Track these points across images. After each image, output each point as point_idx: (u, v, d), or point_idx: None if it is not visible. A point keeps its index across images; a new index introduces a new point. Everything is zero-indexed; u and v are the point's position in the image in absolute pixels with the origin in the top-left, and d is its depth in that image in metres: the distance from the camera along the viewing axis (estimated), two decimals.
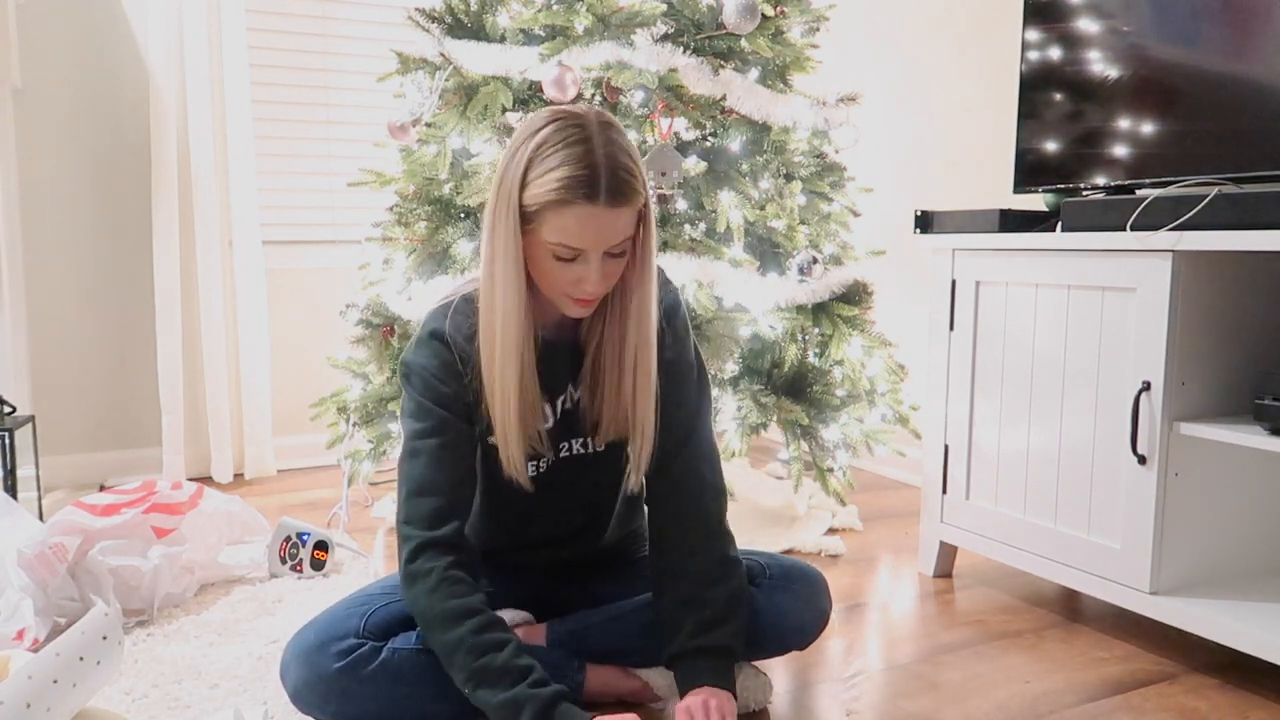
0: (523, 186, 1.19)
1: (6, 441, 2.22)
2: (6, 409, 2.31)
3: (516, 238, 1.21)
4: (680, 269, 2.06)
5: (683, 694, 1.29)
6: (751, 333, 2.20)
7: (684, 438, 1.38)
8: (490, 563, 1.41)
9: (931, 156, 2.80)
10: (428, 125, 2.22)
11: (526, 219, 1.21)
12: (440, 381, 1.29)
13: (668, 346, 1.38)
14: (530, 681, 1.18)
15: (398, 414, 2.29)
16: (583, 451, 1.41)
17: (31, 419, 2.38)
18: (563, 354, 1.37)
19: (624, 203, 1.19)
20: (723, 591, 1.34)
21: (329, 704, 1.28)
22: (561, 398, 1.38)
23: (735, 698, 1.30)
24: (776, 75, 2.32)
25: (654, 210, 1.28)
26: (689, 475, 1.38)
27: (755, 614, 1.41)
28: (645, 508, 1.42)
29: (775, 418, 2.19)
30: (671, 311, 1.40)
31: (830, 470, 2.28)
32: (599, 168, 1.17)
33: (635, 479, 1.37)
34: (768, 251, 2.25)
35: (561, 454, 1.41)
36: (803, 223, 2.29)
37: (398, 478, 1.32)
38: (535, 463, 1.38)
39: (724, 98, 2.14)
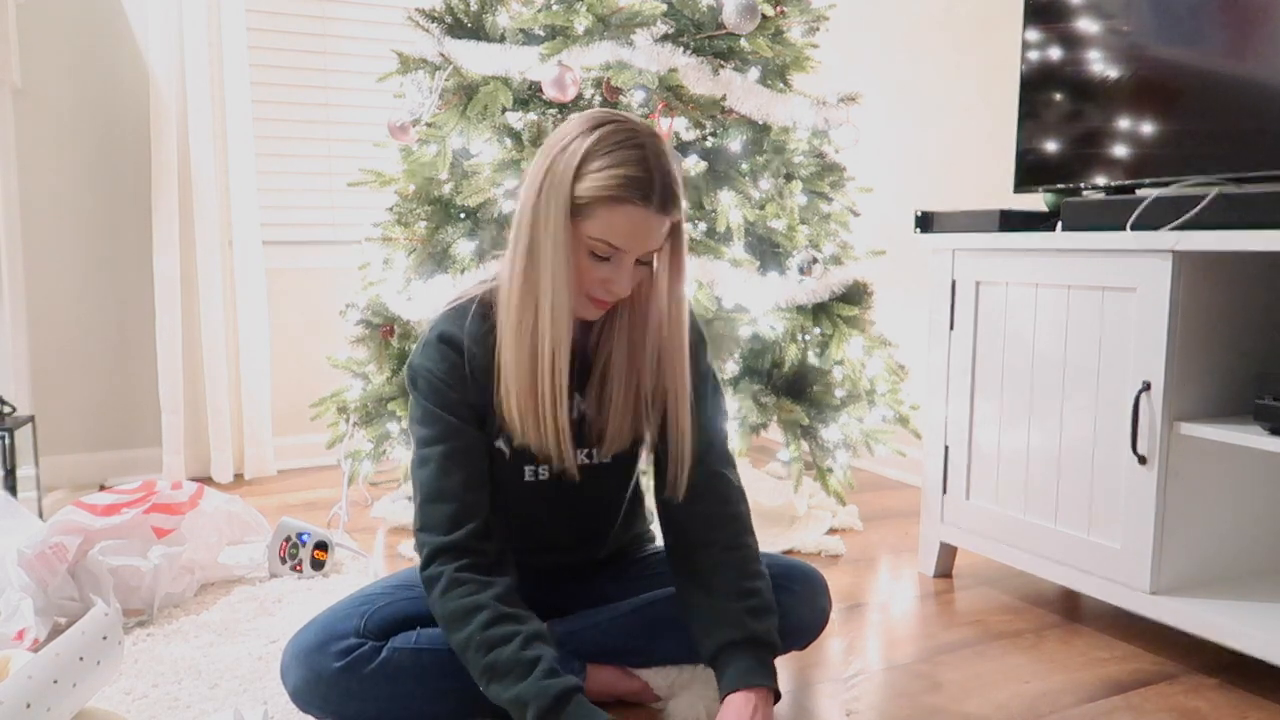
0: (576, 178, 1.20)
1: (6, 441, 2.22)
2: (6, 409, 2.31)
3: (567, 225, 1.21)
4: None
5: (730, 688, 1.25)
6: (751, 333, 2.21)
7: (708, 443, 1.38)
8: None
9: (931, 156, 2.80)
10: (428, 125, 2.22)
11: (575, 210, 1.21)
12: (447, 386, 1.28)
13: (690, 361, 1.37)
14: (539, 674, 1.16)
15: (398, 414, 2.29)
16: (588, 462, 1.40)
17: (31, 419, 2.39)
18: (571, 362, 1.36)
19: (670, 211, 1.22)
20: (765, 585, 1.33)
21: (329, 704, 1.28)
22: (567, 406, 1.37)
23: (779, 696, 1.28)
24: (776, 75, 2.32)
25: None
26: (717, 479, 1.38)
27: None
28: (662, 513, 1.40)
29: (775, 418, 2.19)
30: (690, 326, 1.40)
31: (830, 470, 2.28)
32: (654, 173, 1.19)
33: (678, 485, 1.35)
34: (768, 251, 2.25)
35: (557, 467, 1.40)
36: (803, 223, 2.29)
37: (411, 485, 1.32)
38: (539, 468, 1.37)
39: (724, 98, 2.14)
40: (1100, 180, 1.85)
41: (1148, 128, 1.76)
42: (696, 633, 1.32)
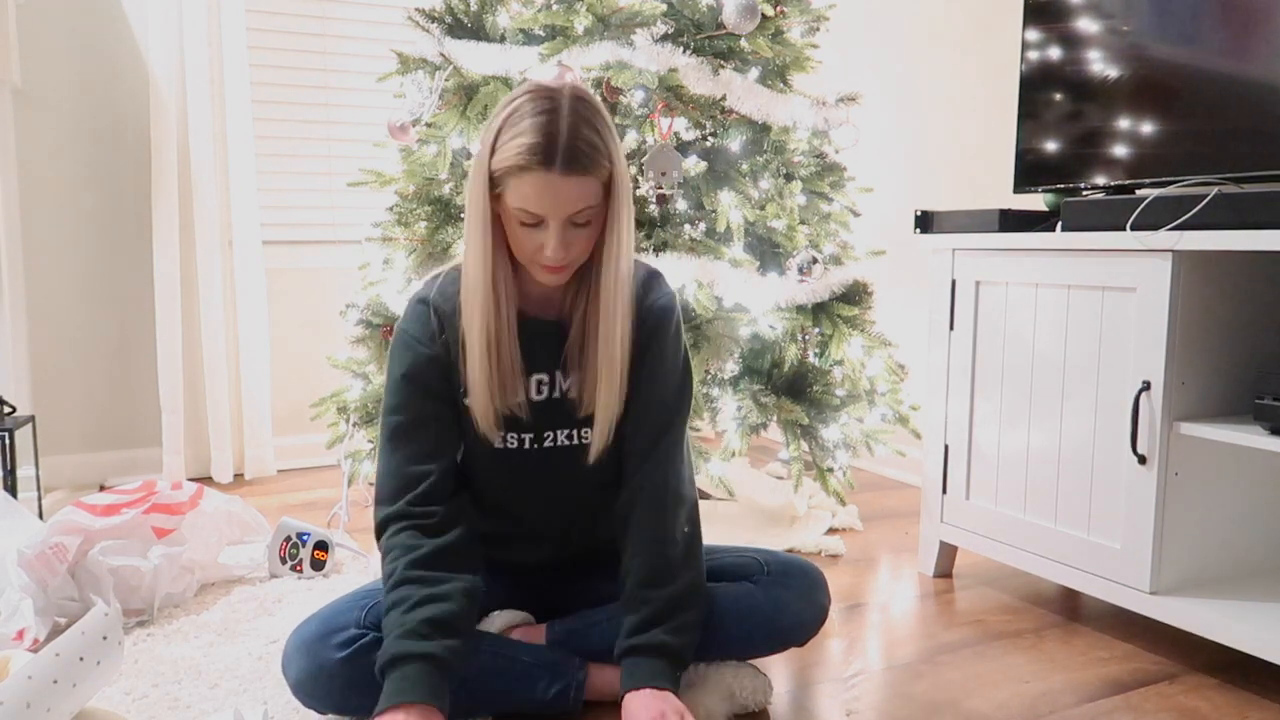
0: (491, 154, 1.24)
1: (6, 441, 2.22)
2: (6, 409, 2.31)
3: (485, 200, 1.26)
4: (680, 269, 2.06)
5: (623, 695, 1.28)
6: (751, 333, 2.21)
7: (655, 440, 1.39)
8: (490, 563, 1.41)
9: (931, 156, 2.81)
10: (428, 125, 2.22)
11: (494, 184, 1.25)
12: (419, 342, 1.34)
13: (656, 347, 1.38)
14: (397, 634, 1.19)
15: None
16: (567, 443, 1.41)
17: (31, 419, 2.38)
18: (545, 333, 1.37)
19: (580, 171, 1.22)
20: (664, 593, 1.32)
21: (330, 695, 1.28)
22: (539, 377, 1.38)
23: (677, 695, 1.28)
24: (776, 75, 2.32)
25: (627, 186, 1.30)
26: (652, 479, 1.38)
27: (753, 610, 1.42)
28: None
29: (775, 418, 2.19)
30: (666, 314, 1.40)
31: (830, 470, 2.28)
32: (558, 136, 1.21)
33: (596, 452, 1.38)
34: (768, 251, 2.25)
35: (545, 443, 1.40)
36: (803, 223, 2.29)
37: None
38: (517, 436, 1.38)
39: (724, 98, 2.14)
40: (1100, 180, 1.85)
41: (1148, 128, 1.76)
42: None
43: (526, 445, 1.39)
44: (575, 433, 1.41)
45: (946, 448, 2.01)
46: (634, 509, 1.38)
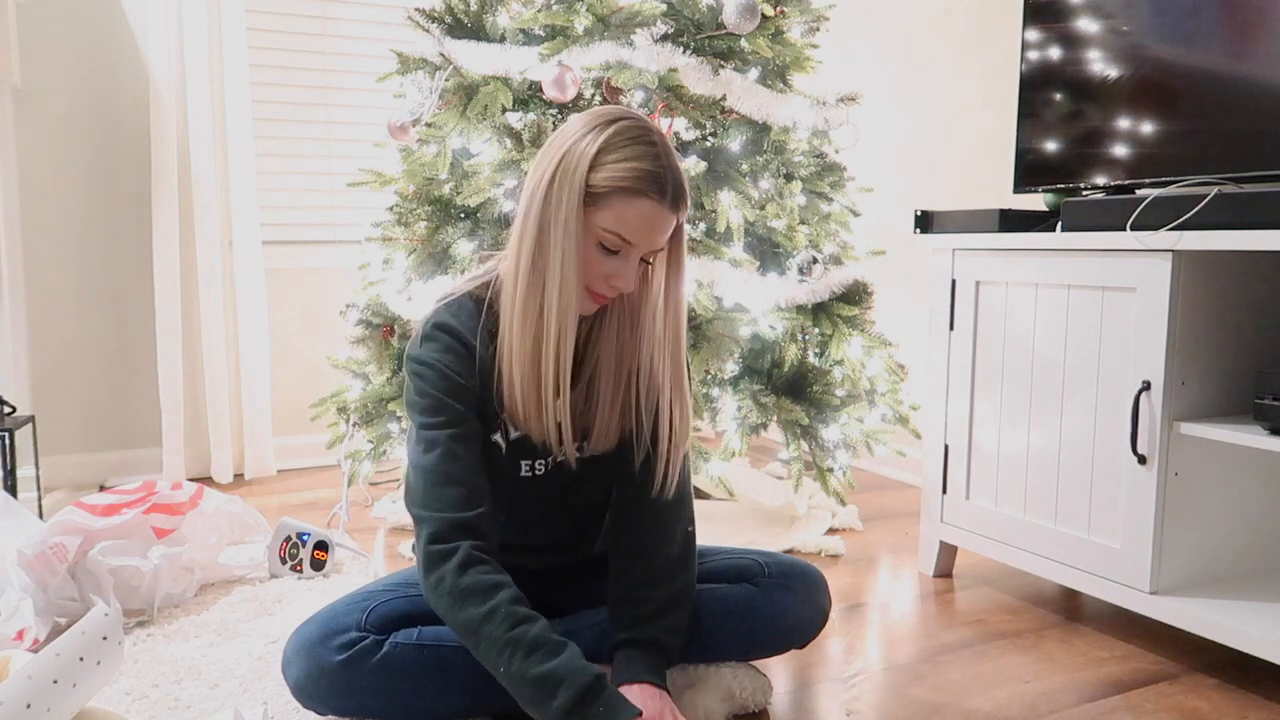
0: (592, 168, 1.21)
1: (6, 441, 2.22)
2: (6, 409, 2.31)
3: (579, 212, 1.22)
4: None
5: (616, 685, 1.26)
6: (751, 333, 2.21)
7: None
8: None
9: (931, 156, 2.81)
10: (428, 125, 2.22)
11: (588, 200, 1.22)
12: (454, 372, 1.28)
13: None
14: (573, 653, 1.17)
15: (398, 414, 2.29)
16: (578, 455, 1.40)
17: (31, 419, 2.38)
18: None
19: (680, 210, 1.25)
20: (660, 593, 1.34)
21: (330, 698, 1.28)
22: None
23: (668, 693, 1.28)
24: (776, 75, 2.32)
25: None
26: (664, 512, 1.39)
27: (754, 612, 1.42)
28: (608, 525, 1.43)
29: (775, 418, 2.19)
30: None
31: (830, 470, 2.28)
32: (667, 169, 1.23)
33: (663, 483, 1.36)
34: (768, 251, 2.25)
35: (552, 462, 1.39)
36: (803, 223, 2.29)
37: (411, 470, 1.29)
38: (535, 463, 1.37)
39: (724, 98, 2.14)
40: (1100, 180, 1.85)
41: (1147, 128, 1.76)
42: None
43: (549, 467, 1.38)
44: (584, 445, 1.39)
45: (946, 448, 2.01)
46: (632, 519, 1.38)
